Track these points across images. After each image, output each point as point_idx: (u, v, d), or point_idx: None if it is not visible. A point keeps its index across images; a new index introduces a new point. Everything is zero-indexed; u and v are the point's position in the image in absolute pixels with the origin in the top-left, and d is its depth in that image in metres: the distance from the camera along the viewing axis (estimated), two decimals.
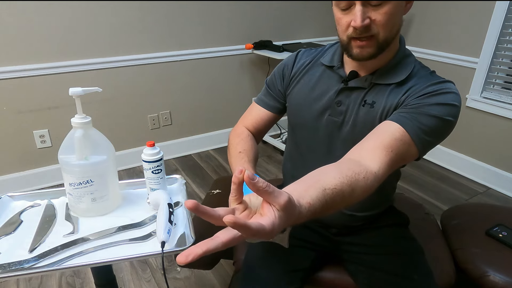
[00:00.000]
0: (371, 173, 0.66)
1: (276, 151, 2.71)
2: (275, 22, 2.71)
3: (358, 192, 0.64)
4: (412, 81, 0.81)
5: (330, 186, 0.59)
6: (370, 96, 0.84)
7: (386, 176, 0.71)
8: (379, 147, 0.71)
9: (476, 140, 2.33)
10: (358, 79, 0.85)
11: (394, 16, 0.73)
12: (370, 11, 0.72)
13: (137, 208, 0.95)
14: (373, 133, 0.76)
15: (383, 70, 0.83)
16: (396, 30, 0.77)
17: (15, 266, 0.74)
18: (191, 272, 1.62)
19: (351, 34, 0.76)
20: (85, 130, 0.86)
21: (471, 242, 1.10)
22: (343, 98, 0.87)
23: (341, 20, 0.77)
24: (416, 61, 0.85)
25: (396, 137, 0.73)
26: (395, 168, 0.75)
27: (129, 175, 2.44)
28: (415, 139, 0.75)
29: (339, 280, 0.98)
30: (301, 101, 0.94)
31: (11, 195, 0.98)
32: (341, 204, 0.62)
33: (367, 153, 0.70)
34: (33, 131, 2.12)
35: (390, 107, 0.81)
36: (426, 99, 0.76)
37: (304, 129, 0.95)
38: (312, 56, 0.96)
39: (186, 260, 0.45)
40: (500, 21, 2.05)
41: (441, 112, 0.75)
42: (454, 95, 0.77)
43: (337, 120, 0.88)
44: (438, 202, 2.14)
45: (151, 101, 2.45)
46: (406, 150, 0.75)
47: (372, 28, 0.74)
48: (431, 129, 0.75)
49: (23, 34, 1.93)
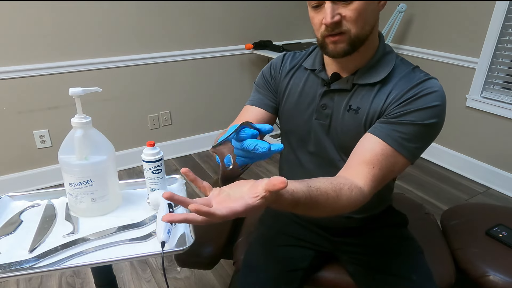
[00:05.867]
0: (356, 187, 0.70)
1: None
2: (275, 22, 2.71)
3: (343, 200, 0.67)
4: (393, 80, 0.80)
5: (315, 186, 0.64)
6: (355, 100, 0.83)
7: (375, 190, 0.75)
8: (361, 164, 0.75)
9: (476, 140, 2.33)
10: (340, 81, 0.84)
11: (364, 12, 0.73)
12: (340, 8, 0.72)
13: (137, 208, 0.95)
14: (357, 148, 0.78)
15: (364, 70, 0.82)
16: (369, 27, 0.77)
17: (15, 266, 0.74)
18: (191, 272, 1.62)
19: (324, 32, 0.76)
20: (85, 130, 0.86)
21: (471, 242, 1.10)
22: (328, 101, 0.86)
23: (314, 19, 0.77)
24: (398, 57, 0.84)
25: (377, 152, 0.75)
26: (386, 181, 0.77)
27: (129, 175, 2.44)
28: (399, 149, 0.75)
29: (339, 280, 0.98)
30: (291, 107, 0.93)
31: (11, 195, 0.98)
32: (325, 206, 0.66)
33: (352, 170, 0.75)
34: (33, 131, 2.12)
35: (374, 114, 0.81)
36: (406, 105, 0.76)
37: (296, 134, 0.94)
38: (297, 61, 0.95)
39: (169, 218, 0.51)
40: (500, 21, 2.05)
41: (422, 117, 0.74)
42: (435, 95, 0.75)
43: (324, 123, 0.87)
44: (438, 202, 2.14)
45: (151, 101, 2.45)
46: (392, 163, 0.75)
47: (343, 24, 0.73)
48: (414, 136, 0.75)
49: (23, 34, 1.93)
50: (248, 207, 0.53)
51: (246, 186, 0.57)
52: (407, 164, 0.78)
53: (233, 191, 0.58)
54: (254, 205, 0.53)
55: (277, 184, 0.50)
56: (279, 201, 0.57)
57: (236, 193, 0.57)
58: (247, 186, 0.57)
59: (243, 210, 0.53)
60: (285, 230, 1.03)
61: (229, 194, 0.57)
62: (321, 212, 0.67)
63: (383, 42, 0.84)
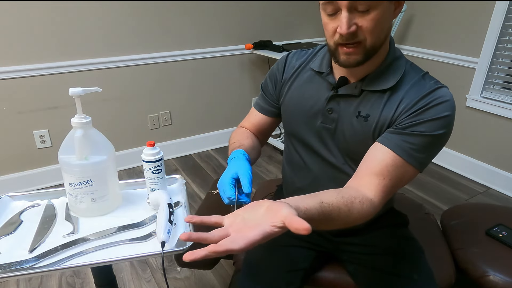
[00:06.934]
0: (366, 199, 0.71)
1: (276, 151, 2.71)
2: (275, 22, 2.71)
3: (355, 214, 0.68)
4: (403, 88, 0.79)
5: (327, 201, 0.64)
6: (364, 107, 0.81)
7: (385, 201, 0.75)
8: (371, 174, 0.74)
9: (476, 140, 2.33)
10: (347, 86, 0.83)
11: (381, 22, 0.70)
12: (357, 18, 0.69)
13: (137, 208, 0.95)
14: (367, 158, 0.78)
15: (373, 76, 0.80)
16: (384, 35, 0.74)
17: (15, 266, 0.74)
18: (191, 272, 1.62)
19: (338, 40, 0.73)
20: (85, 130, 0.86)
21: (471, 242, 1.10)
22: (334, 106, 0.85)
23: (328, 25, 0.74)
24: (407, 62, 0.82)
25: (388, 163, 0.74)
26: (396, 191, 0.78)
27: (129, 175, 2.44)
28: (409, 160, 0.75)
29: (339, 280, 0.98)
30: (294, 108, 0.92)
31: (11, 195, 0.98)
32: (338, 220, 0.66)
33: (362, 181, 0.75)
34: (33, 131, 2.12)
35: (384, 122, 0.79)
36: (417, 116, 0.75)
37: (299, 136, 0.93)
38: (302, 60, 0.93)
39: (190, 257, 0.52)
40: (500, 21, 2.05)
41: (432, 128, 0.74)
42: (446, 104, 0.74)
43: (330, 127, 0.86)
44: (438, 202, 2.14)
45: (151, 101, 2.45)
46: (402, 173, 0.75)
47: (359, 35, 0.71)
48: (424, 147, 0.75)
49: (23, 34, 1.93)
50: (266, 235, 0.53)
51: (261, 209, 0.57)
52: (416, 173, 0.78)
53: (248, 215, 0.58)
54: (272, 233, 0.53)
55: (300, 229, 0.49)
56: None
57: (251, 217, 0.57)
58: (263, 209, 0.57)
59: (261, 239, 0.53)
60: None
61: (244, 219, 0.57)
62: (333, 226, 0.68)
63: (393, 46, 0.82)
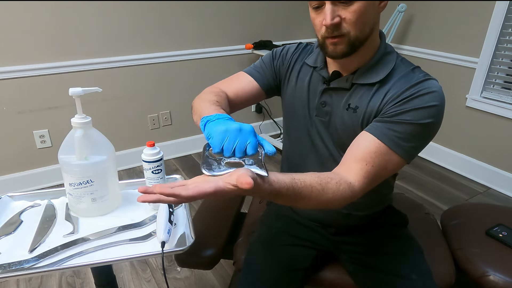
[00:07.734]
0: (345, 182, 0.71)
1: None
2: (275, 22, 2.71)
3: (329, 194, 0.68)
4: (392, 81, 0.80)
5: (301, 178, 0.65)
6: (354, 99, 0.83)
7: (368, 187, 0.75)
8: (354, 160, 0.75)
9: (476, 140, 2.33)
10: (339, 80, 0.85)
11: (364, 14, 0.73)
12: (340, 10, 0.72)
13: (137, 208, 0.95)
14: (352, 146, 0.79)
15: (363, 70, 0.82)
16: (369, 28, 0.76)
17: (15, 266, 0.74)
18: (191, 272, 1.62)
19: (324, 34, 0.76)
20: (85, 130, 0.86)
21: (471, 242, 1.10)
22: (327, 99, 0.87)
23: (315, 20, 0.78)
24: (398, 57, 0.84)
25: (371, 150, 0.75)
26: (380, 179, 0.77)
27: (129, 175, 2.44)
28: (394, 148, 0.75)
29: (339, 280, 0.98)
30: (292, 101, 0.95)
31: (11, 195, 0.98)
32: (310, 198, 0.66)
33: (345, 166, 0.76)
34: (33, 131, 2.12)
35: (371, 113, 0.81)
36: (402, 105, 0.75)
37: (298, 130, 0.95)
38: (302, 56, 0.96)
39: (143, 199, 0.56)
40: (500, 21, 2.05)
41: (418, 116, 0.74)
42: (433, 95, 0.75)
43: (324, 120, 0.88)
44: (438, 202, 2.14)
45: (151, 101, 2.45)
46: (386, 160, 0.75)
47: (343, 27, 0.74)
48: (410, 135, 0.75)
49: (23, 34, 1.93)
50: (218, 189, 0.55)
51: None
52: (403, 163, 0.78)
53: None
54: (224, 189, 0.55)
55: (243, 183, 0.52)
56: (258, 191, 0.59)
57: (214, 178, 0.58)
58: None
59: (212, 192, 0.54)
60: (285, 229, 1.03)
61: (205, 178, 0.59)
62: (305, 204, 0.68)
63: (384, 42, 0.84)
